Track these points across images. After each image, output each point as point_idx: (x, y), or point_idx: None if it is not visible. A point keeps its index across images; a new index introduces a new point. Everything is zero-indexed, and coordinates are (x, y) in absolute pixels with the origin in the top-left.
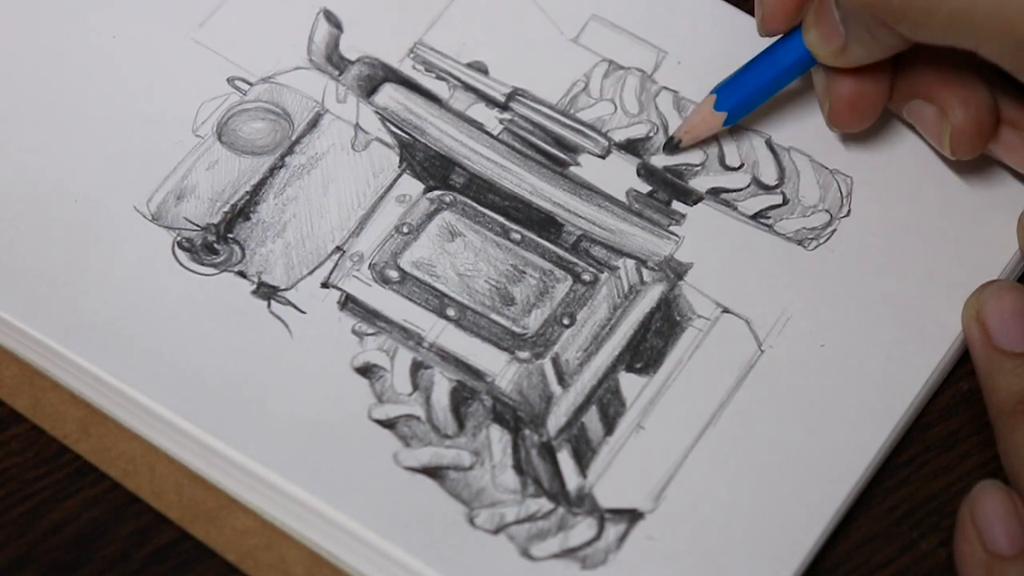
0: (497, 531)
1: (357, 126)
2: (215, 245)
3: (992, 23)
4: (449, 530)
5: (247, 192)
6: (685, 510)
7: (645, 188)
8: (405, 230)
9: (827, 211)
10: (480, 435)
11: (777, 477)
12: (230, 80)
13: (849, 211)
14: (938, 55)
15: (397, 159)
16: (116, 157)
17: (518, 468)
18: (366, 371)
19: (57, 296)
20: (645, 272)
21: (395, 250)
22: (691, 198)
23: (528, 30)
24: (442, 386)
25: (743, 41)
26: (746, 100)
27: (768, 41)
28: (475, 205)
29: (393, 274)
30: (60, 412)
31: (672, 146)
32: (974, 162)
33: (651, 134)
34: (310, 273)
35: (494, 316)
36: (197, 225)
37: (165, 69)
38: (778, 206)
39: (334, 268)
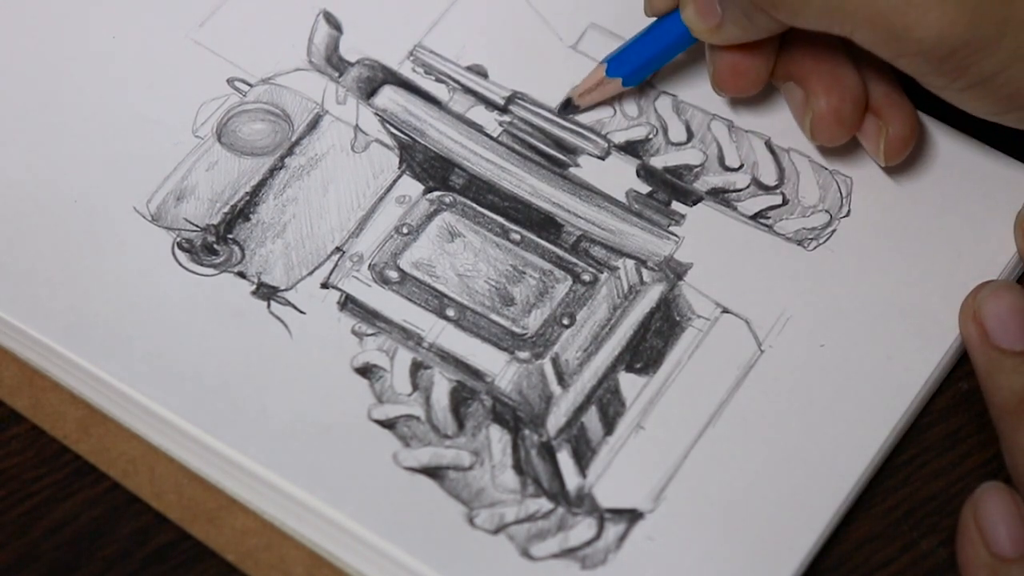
0: (497, 531)
1: (357, 127)
2: (215, 246)
3: (865, 11)
4: (449, 530)
5: (247, 193)
6: (685, 510)
7: (645, 188)
8: (405, 231)
9: (827, 211)
10: (480, 435)
11: (777, 477)
12: (230, 81)
13: (849, 211)
14: (815, 40)
15: (397, 160)
16: (116, 157)
17: (518, 468)
18: (366, 371)
19: (57, 296)
20: (645, 272)
21: (395, 251)
22: (691, 198)
23: (527, 36)
24: (442, 386)
25: None
26: (638, 69)
27: None
28: (475, 206)
29: (393, 274)
30: (60, 412)
31: (571, 108)
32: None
33: (651, 136)
34: (310, 274)
35: (494, 316)
36: (197, 226)
37: (165, 69)
38: (778, 206)
39: (334, 269)
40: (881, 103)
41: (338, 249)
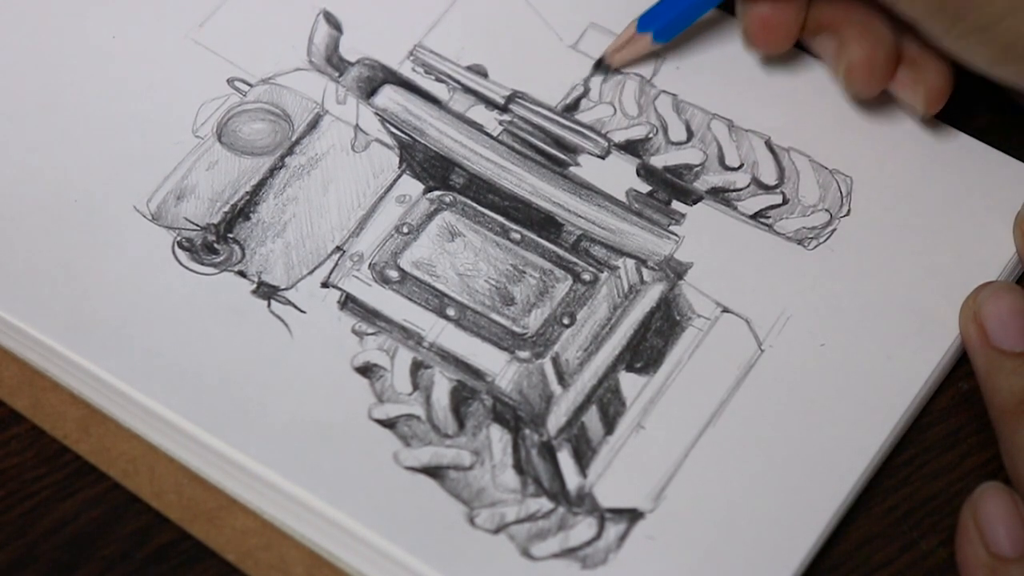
0: (497, 531)
1: (357, 127)
2: (215, 245)
3: None
4: (449, 530)
5: (247, 192)
6: (685, 510)
7: (645, 188)
8: (405, 230)
9: (827, 211)
10: (480, 435)
11: (777, 477)
12: (230, 81)
13: (849, 211)
14: None
15: (397, 160)
16: (116, 157)
17: (518, 468)
18: (366, 371)
19: (57, 296)
20: (645, 272)
21: (395, 250)
22: (691, 198)
23: (527, 36)
24: (442, 386)
25: (739, 46)
26: (669, 24)
27: None
28: (475, 205)
29: (393, 274)
30: (60, 412)
31: (603, 67)
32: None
33: (651, 135)
34: (310, 273)
35: (494, 316)
36: (197, 225)
37: (165, 70)
38: (778, 206)
39: (334, 268)
40: (917, 55)
41: (338, 248)
